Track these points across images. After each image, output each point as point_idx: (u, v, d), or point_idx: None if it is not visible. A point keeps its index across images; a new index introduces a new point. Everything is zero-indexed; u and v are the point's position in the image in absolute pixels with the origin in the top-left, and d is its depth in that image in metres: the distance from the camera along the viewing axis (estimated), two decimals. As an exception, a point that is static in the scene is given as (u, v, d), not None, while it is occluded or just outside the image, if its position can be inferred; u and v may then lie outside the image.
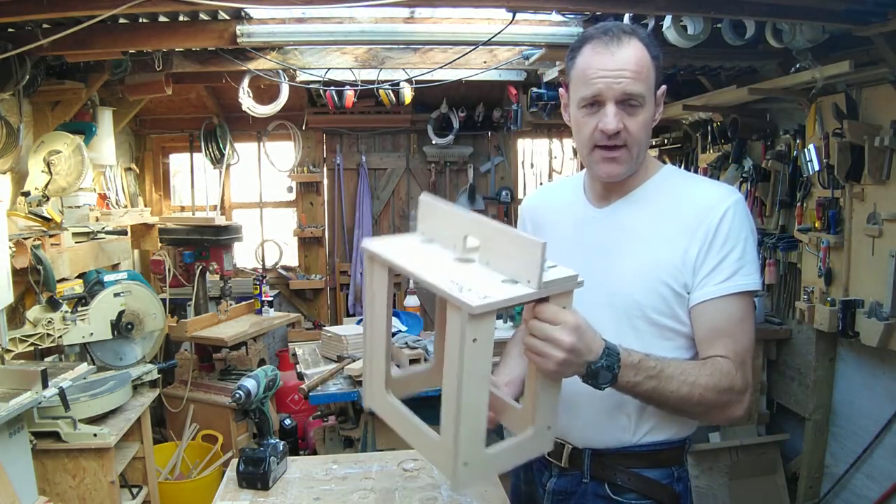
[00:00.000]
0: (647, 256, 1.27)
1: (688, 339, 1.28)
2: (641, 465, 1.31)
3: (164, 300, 3.39)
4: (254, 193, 5.29)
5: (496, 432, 1.28)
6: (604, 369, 1.07)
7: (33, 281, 2.78)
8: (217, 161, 4.93)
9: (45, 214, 3.05)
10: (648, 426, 1.30)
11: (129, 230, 3.82)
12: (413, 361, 2.87)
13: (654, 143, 4.98)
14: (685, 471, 1.38)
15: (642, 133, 1.26)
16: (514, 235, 1.00)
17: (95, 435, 2.45)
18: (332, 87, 4.14)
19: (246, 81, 3.80)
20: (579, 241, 1.36)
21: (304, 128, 5.05)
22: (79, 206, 3.58)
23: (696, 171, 4.47)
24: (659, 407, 1.22)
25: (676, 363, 1.19)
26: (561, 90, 1.40)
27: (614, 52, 1.22)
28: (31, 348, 2.59)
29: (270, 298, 4.27)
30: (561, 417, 1.17)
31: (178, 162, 5.27)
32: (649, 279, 1.26)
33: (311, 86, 4.08)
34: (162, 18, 2.90)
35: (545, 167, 5.43)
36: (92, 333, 2.83)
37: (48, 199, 3.16)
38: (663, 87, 1.29)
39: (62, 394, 2.29)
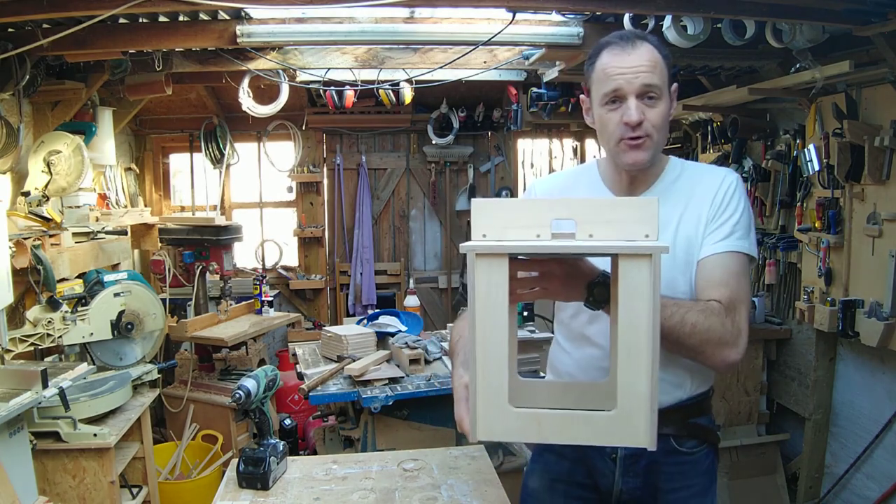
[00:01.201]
0: (681, 243, 1.40)
1: None
2: (693, 415, 1.48)
3: (164, 300, 3.39)
4: (254, 193, 5.29)
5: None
6: (599, 277, 1.18)
7: (33, 281, 2.78)
8: (217, 161, 4.93)
9: (45, 214, 3.05)
10: (695, 381, 1.45)
11: (129, 230, 3.82)
12: (413, 362, 2.88)
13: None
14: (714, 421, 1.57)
15: (662, 123, 1.38)
16: (621, 202, 1.11)
17: (95, 435, 2.45)
18: (332, 87, 4.14)
19: (246, 81, 3.80)
20: None
21: (304, 128, 5.05)
22: (79, 206, 3.58)
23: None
24: None
25: (673, 299, 1.29)
26: (582, 97, 1.50)
27: (630, 53, 1.35)
28: (31, 348, 2.59)
29: (270, 298, 4.27)
30: None
31: (178, 162, 5.27)
32: (687, 262, 1.39)
33: (311, 86, 4.08)
34: (162, 18, 2.90)
35: (545, 167, 5.42)
36: (92, 333, 2.83)
37: (48, 199, 3.16)
38: (675, 84, 1.41)
39: (62, 394, 2.29)
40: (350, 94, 4.27)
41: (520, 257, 1.15)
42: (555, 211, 1.08)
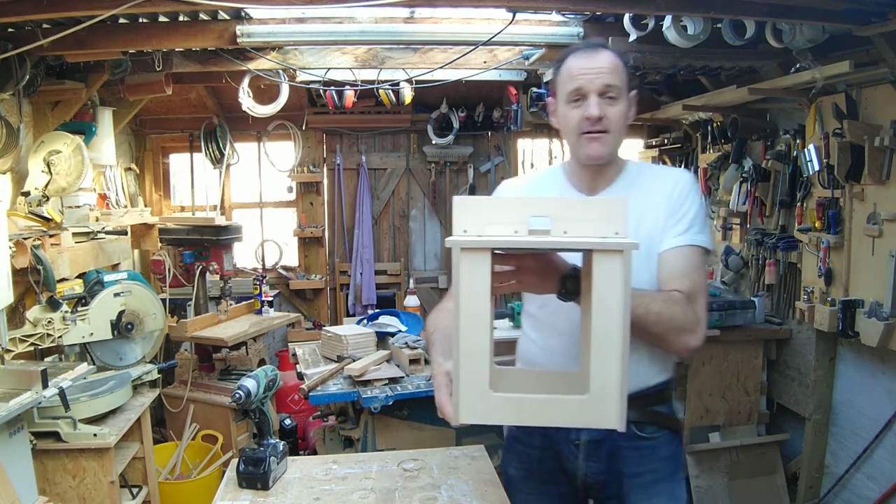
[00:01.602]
0: (642, 238, 1.47)
1: None
2: (653, 403, 1.57)
3: (164, 300, 3.39)
4: (254, 193, 5.29)
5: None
6: (568, 283, 1.29)
7: (33, 281, 2.78)
8: (217, 161, 4.93)
9: (45, 214, 3.05)
10: (654, 370, 1.55)
11: (129, 230, 3.82)
12: (413, 362, 2.88)
13: (654, 144, 4.98)
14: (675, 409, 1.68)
15: (620, 120, 1.50)
16: (592, 202, 1.23)
17: (95, 435, 2.45)
18: (332, 87, 4.14)
19: (246, 81, 3.80)
20: None
21: (304, 128, 5.05)
22: (79, 206, 3.58)
23: (696, 171, 4.48)
24: None
25: (638, 291, 1.36)
26: (548, 99, 1.63)
27: (593, 57, 1.49)
28: (31, 348, 2.59)
29: (270, 298, 4.27)
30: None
31: (178, 162, 5.26)
32: (647, 256, 1.49)
33: (311, 86, 4.08)
34: (162, 18, 2.90)
35: (545, 167, 5.42)
36: (92, 333, 2.83)
37: (48, 199, 3.16)
38: (635, 91, 1.55)
39: (62, 394, 2.29)
40: (350, 94, 4.27)
41: (497, 251, 1.21)
42: (531, 208, 1.15)
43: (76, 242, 3.22)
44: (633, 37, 2.89)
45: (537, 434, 1.61)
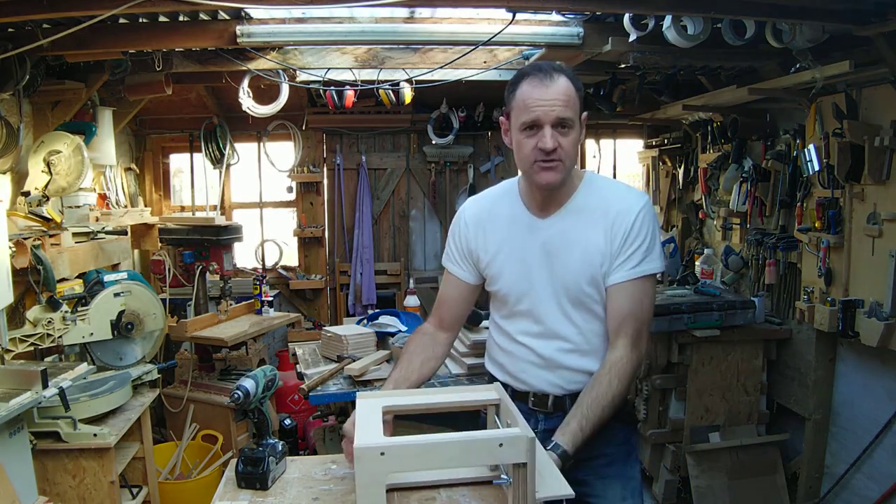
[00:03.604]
0: (586, 254, 1.64)
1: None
2: None
3: (164, 300, 3.39)
4: (254, 193, 5.29)
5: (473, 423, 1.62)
6: (568, 466, 1.46)
7: (33, 281, 2.78)
8: (217, 161, 4.93)
9: (45, 214, 3.05)
10: (578, 382, 1.67)
11: (129, 230, 3.82)
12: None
13: (654, 144, 4.98)
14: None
15: (573, 150, 1.59)
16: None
17: (95, 435, 2.45)
18: (332, 87, 4.14)
19: (246, 81, 3.80)
20: (531, 246, 1.71)
21: (304, 128, 5.05)
22: (79, 206, 3.58)
23: (696, 171, 4.48)
24: None
25: (598, 402, 1.55)
26: (501, 118, 1.69)
27: (548, 86, 1.54)
28: (31, 348, 2.59)
29: (270, 298, 4.26)
30: (542, 376, 1.71)
31: (178, 162, 5.27)
32: (590, 270, 1.64)
33: (311, 86, 4.08)
34: (162, 18, 2.91)
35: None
36: (92, 333, 2.83)
37: (48, 199, 3.16)
38: (586, 113, 1.62)
39: (62, 394, 2.29)
40: (350, 94, 4.27)
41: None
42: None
43: (76, 242, 3.22)
44: (633, 37, 2.89)
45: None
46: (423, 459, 1.23)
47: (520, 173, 1.76)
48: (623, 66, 3.50)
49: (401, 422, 2.70)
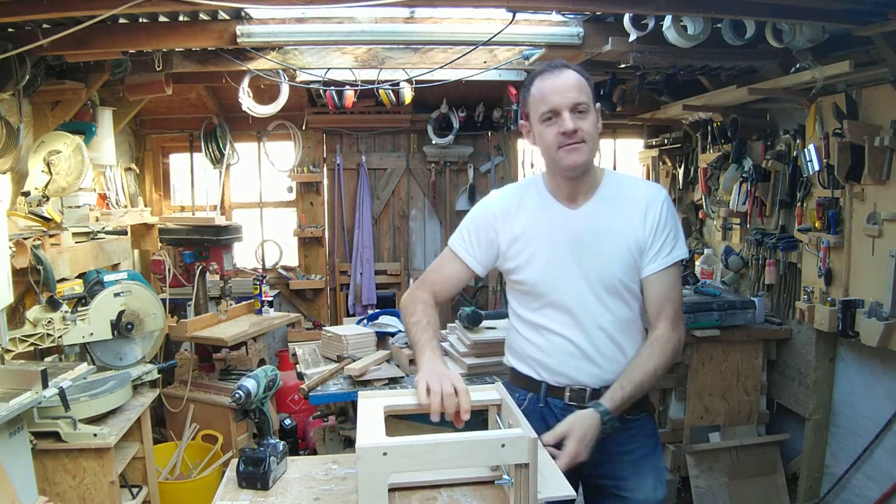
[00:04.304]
0: (620, 242, 1.70)
1: (638, 294, 1.75)
2: None
3: (164, 300, 3.39)
4: (254, 193, 5.29)
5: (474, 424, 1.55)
6: (608, 427, 1.59)
7: (33, 281, 2.78)
8: (217, 161, 4.93)
9: (45, 214, 3.05)
10: (616, 370, 1.71)
11: (129, 230, 3.82)
12: (413, 362, 2.87)
13: (654, 144, 4.98)
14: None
15: (593, 131, 1.65)
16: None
17: (95, 435, 2.44)
18: (332, 87, 4.14)
19: (246, 81, 3.80)
20: (561, 237, 1.73)
21: (304, 128, 5.05)
22: (79, 206, 3.58)
23: (695, 171, 4.49)
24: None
25: (640, 368, 1.65)
26: (521, 122, 1.77)
27: (559, 76, 1.64)
28: (31, 348, 2.59)
29: (270, 298, 4.27)
30: (583, 368, 1.72)
31: (178, 162, 5.26)
32: (623, 258, 1.70)
33: (311, 86, 4.08)
34: (162, 18, 2.90)
35: (545, 167, 5.41)
36: (92, 333, 2.83)
37: (48, 199, 3.16)
38: (598, 104, 1.69)
39: (62, 394, 2.29)
40: (350, 94, 4.27)
41: None
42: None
43: (76, 242, 3.22)
44: (633, 37, 2.89)
45: (535, 418, 1.69)
46: (426, 460, 1.24)
47: (542, 169, 1.82)
48: (623, 66, 3.49)
49: (401, 421, 2.69)
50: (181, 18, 2.93)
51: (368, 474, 1.21)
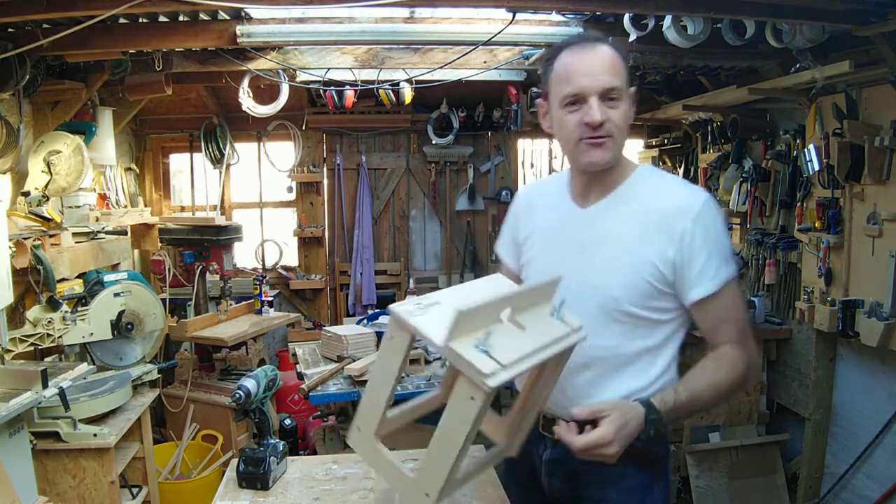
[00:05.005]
0: (625, 254, 1.38)
1: (669, 324, 1.41)
2: None
3: (164, 300, 3.39)
4: (254, 193, 5.29)
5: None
6: (651, 429, 1.26)
7: (33, 281, 2.78)
8: (217, 161, 4.93)
9: (45, 214, 3.05)
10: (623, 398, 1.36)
11: (129, 230, 3.82)
12: (413, 362, 2.88)
13: (654, 143, 4.98)
14: (664, 436, 1.48)
15: (623, 123, 1.36)
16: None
17: (95, 435, 2.45)
18: (332, 87, 4.14)
19: (246, 81, 3.80)
20: (564, 239, 1.48)
21: (304, 128, 5.05)
22: (79, 206, 3.58)
23: (695, 172, 4.48)
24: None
25: (700, 376, 1.34)
26: (539, 101, 1.48)
27: (591, 53, 1.34)
28: (31, 348, 2.59)
29: (270, 298, 4.27)
30: (552, 394, 1.38)
31: (178, 162, 5.26)
32: (626, 275, 1.37)
33: (311, 86, 4.08)
34: (162, 18, 2.90)
35: (545, 167, 5.43)
36: (92, 333, 2.83)
37: (48, 199, 3.16)
38: (634, 88, 1.40)
39: (62, 394, 2.29)
40: (350, 94, 4.27)
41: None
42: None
43: (76, 242, 3.22)
44: (633, 37, 2.89)
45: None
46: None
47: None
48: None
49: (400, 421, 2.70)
50: (181, 18, 2.93)
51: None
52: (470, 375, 1.03)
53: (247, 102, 3.94)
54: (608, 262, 1.39)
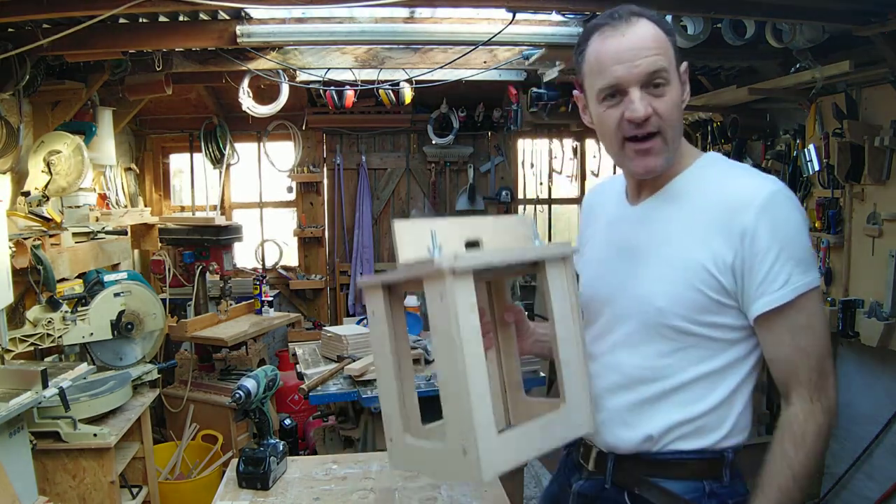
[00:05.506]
0: (676, 259, 1.14)
1: (738, 346, 1.16)
2: (664, 476, 1.20)
3: (164, 300, 3.40)
4: (254, 193, 5.29)
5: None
6: None
7: (33, 281, 2.78)
8: (217, 161, 4.93)
9: (45, 214, 3.05)
10: (674, 434, 1.18)
11: (129, 230, 3.82)
12: (413, 362, 2.87)
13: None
14: (725, 486, 1.26)
15: (674, 114, 1.13)
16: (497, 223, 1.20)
17: (95, 435, 2.45)
18: (332, 87, 4.14)
19: (246, 81, 3.80)
20: (609, 242, 1.28)
21: (304, 128, 5.05)
22: (79, 206, 3.58)
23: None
24: None
25: (768, 481, 1.17)
26: (575, 93, 1.27)
27: (625, 33, 1.10)
28: (31, 348, 2.59)
29: (270, 298, 4.27)
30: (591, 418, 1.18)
31: (178, 162, 5.26)
32: (673, 283, 1.14)
33: (311, 86, 4.08)
34: (162, 18, 2.91)
35: (545, 167, 5.43)
36: (92, 333, 2.83)
37: (48, 199, 3.16)
38: (685, 64, 1.16)
39: (62, 394, 2.29)
40: (350, 94, 4.27)
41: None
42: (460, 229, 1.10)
43: (76, 242, 3.22)
44: (633, 37, 2.88)
45: (558, 469, 1.43)
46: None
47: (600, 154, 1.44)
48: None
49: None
50: (181, 18, 2.93)
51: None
52: (427, 273, 0.96)
53: (247, 102, 3.94)
54: (654, 268, 1.17)
